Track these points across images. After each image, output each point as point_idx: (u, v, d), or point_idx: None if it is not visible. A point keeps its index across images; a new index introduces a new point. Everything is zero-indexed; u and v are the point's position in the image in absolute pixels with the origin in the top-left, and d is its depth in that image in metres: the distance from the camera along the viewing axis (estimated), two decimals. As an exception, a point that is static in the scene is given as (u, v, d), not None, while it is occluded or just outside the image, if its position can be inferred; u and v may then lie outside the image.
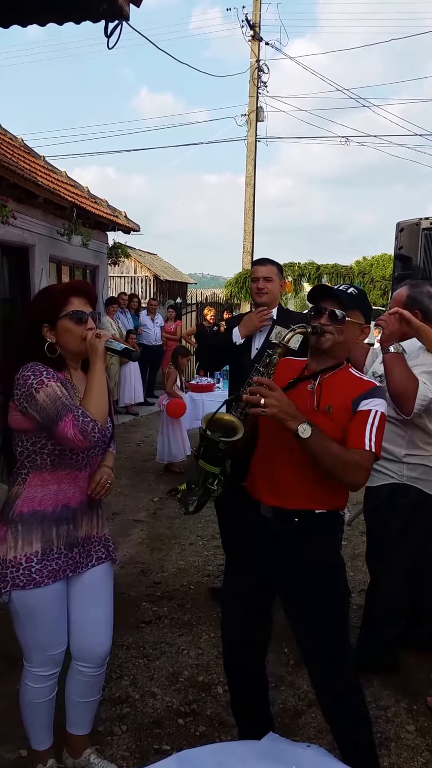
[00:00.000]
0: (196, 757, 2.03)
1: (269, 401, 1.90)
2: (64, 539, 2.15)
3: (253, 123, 17.92)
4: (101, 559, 2.27)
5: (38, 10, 4.67)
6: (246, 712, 2.39)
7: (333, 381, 2.16)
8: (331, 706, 2.23)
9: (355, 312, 2.15)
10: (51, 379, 2.01)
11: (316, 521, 2.12)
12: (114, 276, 18.50)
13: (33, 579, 2.07)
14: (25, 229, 8.61)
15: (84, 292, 2.16)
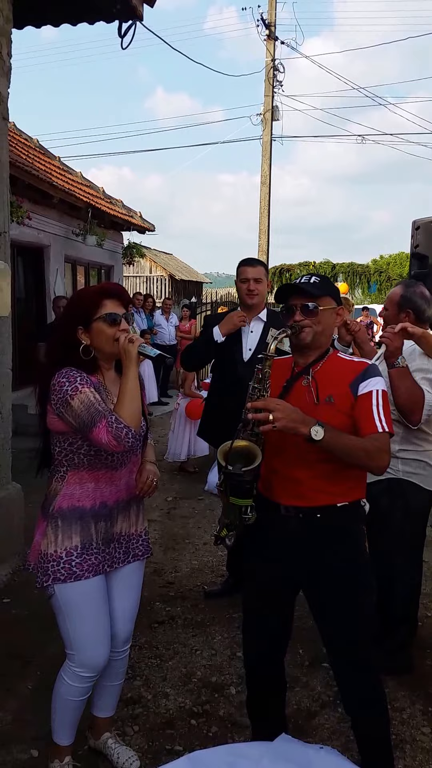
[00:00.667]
0: (207, 757, 2.03)
1: (276, 415, 1.92)
2: (102, 535, 2.19)
3: (268, 122, 17.88)
4: (137, 556, 2.33)
5: (52, 11, 4.69)
6: (262, 711, 2.39)
7: (325, 370, 2.16)
8: (353, 700, 2.23)
9: (324, 298, 2.15)
10: (85, 385, 2.04)
11: (338, 514, 2.12)
12: (129, 276, 18.56)
13: (73, 572, 2.11)
14: (40, 230, 8.66)
15: (117, 294, 2.18)
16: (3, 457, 4.18)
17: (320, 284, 2.18)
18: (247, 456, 2.06)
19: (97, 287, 2.23)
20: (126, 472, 2.25)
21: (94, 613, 2.17)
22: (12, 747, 2.51)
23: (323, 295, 2.15)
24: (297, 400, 2.07)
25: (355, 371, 2.12)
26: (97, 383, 2.15)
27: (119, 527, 2.26)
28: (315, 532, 2.12)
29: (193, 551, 4.63)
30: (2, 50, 4.03)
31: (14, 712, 2.71)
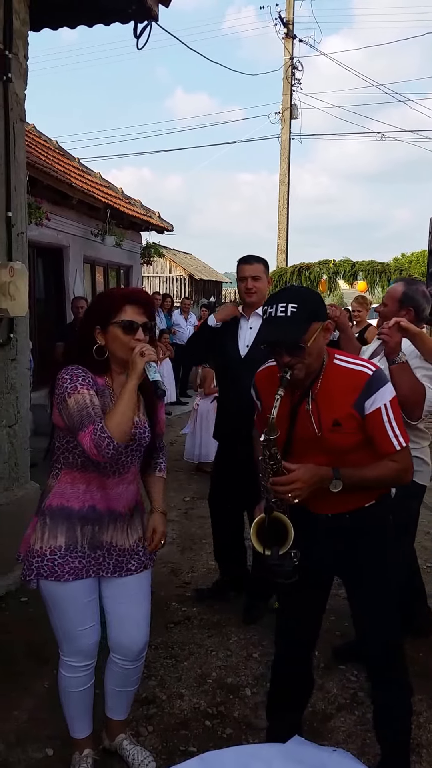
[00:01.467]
0: (219, 758, 2.03)
1: (296, 493, 1.94)
2: (89, 539, 2.16)
3: (287, 121, 17.84)
4: (131, 571, 2.26)
5: (68, 12, 4.71)
6: (282, 709, 2.40)
7: (325, 390, 2.04)
8: (380, 692, 2.25)
9: (309, 327, 1.95)
10: (84, 386, 2.02)
11: (366, 513, 2.14)
12: (149, 276, 18.61)
13: (54, 572, 2.12)
14: (60, 230, 8.72)
15: (141, 302, 2.11)
16: (22, 456, 4.21)
17: (300, 314, 1.93)
18: (278, 528, 2.03)
19: (123, 291, 2.19)
20: (120, 481, 2.18)
21: (73, 611, 2.17)
22: (27, 746, 2.53)
23: (307, 325, 1.95)
24: (303, 429, 2.03)
25: (357, 387, 2.01)
26: (104, 386, 2.13)
27: (109, 536, 2.20)
28: (344, 528, 2.15)
29: (210, 551, 4.61)
30: (19, 52, 4.06)
31: (30, 711, 2.73)
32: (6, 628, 3.42)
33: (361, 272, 16.70)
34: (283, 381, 1.96)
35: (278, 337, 1.97)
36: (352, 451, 2.05)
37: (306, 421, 2.05)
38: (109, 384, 2.15)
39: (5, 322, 3.93)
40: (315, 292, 2.12)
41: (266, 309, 2.00)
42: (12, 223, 3.97)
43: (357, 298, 7.34)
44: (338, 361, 2.08)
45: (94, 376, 2.10)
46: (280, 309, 1.94)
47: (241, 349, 3.52)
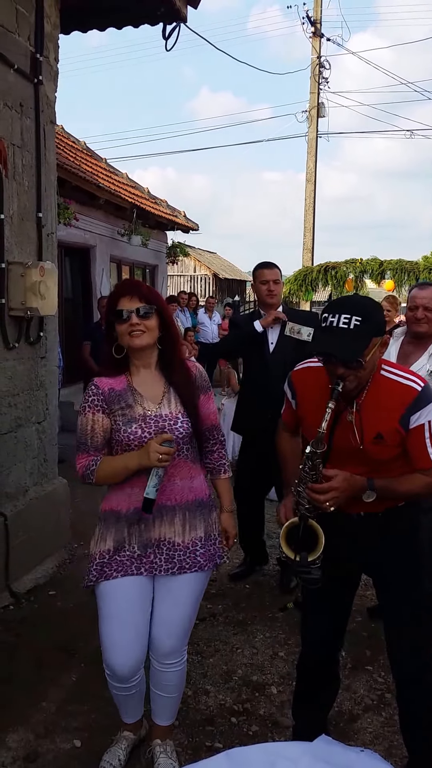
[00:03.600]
0: (246, 755, 2.04)
1: (332, 502, 1.95)
2: (137, 538, 2.18)
3: (314, 119, 17.76)
4: (184, 569, 2.19)
5: (97, 15, 4.76)
6: (308, 707, 2.41)
7: (370, 401, 2.00)
8: (407, 693, 2.24)
9: (369, 343, 1.88)
10: (91, 409, 2.15)
11: (399, 512, 2.15)
12: (174, 275, 18.68)
13: (103, 572, 2.17)
14: (87, 231, 8.80)
15: (130, 289, 2.17)
16: (50, 452, 4.27)
17: (364, 328, 1.85)
18: (309, 535, 2.03)
19: (116, 287, 2.27)
20: (167, 474, 2.16)
21: (117, 614, 2.15)
22: (55, 737, 2.57)
23: (367, 340, 1.87)
24: (343, 439, 2.01)
25: (404, 402, 1.96)
26: (123, 389, 2.18)
27: (158, 532, 2.17)
28: (375, 527, 2.15)
29: (235, 549, 4.62)
30: (50, 55, 4.11)
31: (58, 703, 2.77)
32: (34, 621, 3.48)
33: (389, 271, 16.55)
34: (334, 393, 1.89)
35: (338, 351, 1.86)
36: (389, 463, 2.05)
37: (347, 432, 2.01)
38: (129, 383, 2.20)
39: (35, 320, 3.99)
40: (378, 305, 2.01)
41: (327, 317, 1.90)
42: (42, 223, 4.03)
43: (387, 297, 7.29)
44: (386, 373, 2.02)
45: (114, 381, 2.19)
46: (344, 320, 1.86)
47: (270, 346, 3.83)
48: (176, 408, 2.19)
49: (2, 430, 3.73)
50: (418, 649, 2.20)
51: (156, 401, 2.18)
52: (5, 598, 3.64)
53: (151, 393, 2.19)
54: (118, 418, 2.14)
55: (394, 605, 2.21)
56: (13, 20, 3.66)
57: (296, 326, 3.72)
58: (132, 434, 2.11)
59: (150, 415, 2.15)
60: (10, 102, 3.66)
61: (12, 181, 3.70)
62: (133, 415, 2.13)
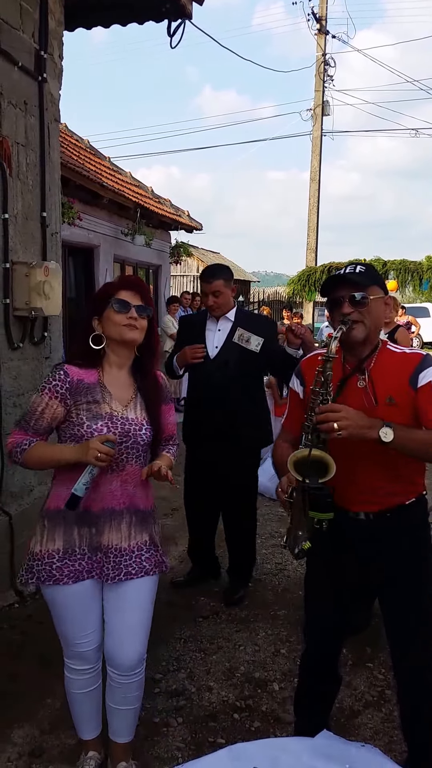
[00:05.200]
0: (248, 750, 2.05)
1: (342, 423, 1.88)
2: (87, 541, 2.13)
3: (318, 117, 17.75)
4: (130, 574, 2.16)
5: (102, 12, 4.77)
6: (309, 704, 2.42)
7: (379, 367, 2.09)
8: (408, 691, 2.23)
9: (372, 287, 2.08)
10: (51, 394, 2.08)
11: (407, 512, 2.14)
12: (177, 275, 18.69)
13: (53, 575, 2.10)
14: (90, 230, 8.81)
15: (134, 286, 2.17)
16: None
17: (366, 273, 2.10)
18: (319, 465, 1.96)
19: (118, 279, 2.25)
20: (115, 478, 2.13)
21: (72, 615, 2.16)
22: (60, 732, 2.58)
23: (371, 284, 2.07)
24: (354, 403, 2.01)
25: (412, 363, 2.05)
26: (94, 383, 2.13)
27: (107, 538, 2.13)
28: (384, 528, 2.14)
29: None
30: (54, 53, 4.13)
31: (63, 699, 2.76)
32: (39, 618, 3.49)
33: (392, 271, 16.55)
34: (346, 322, 2.02)
35: (343, 278, 2.07)
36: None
37: (359, 397, 2.06)
38: (100, 378, 2.15)
39: (39, 320, 4.01)
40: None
41: (334, 271, 2.14)
42: (46, 223, 4.04)
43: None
44: (391, 347, 2.16)
45: (85, 373, 2.13)
46: (349, 269, 2.11)
47: (210, 351, 3.57)
48: (141, 414, 2.19)
49: (7, 429, 3.74)
50: (422, 651, 2.17)
51: (123, 403, 2.16)
52: (10, 597, 3.66)
53: (119, 394, 2.17)
54: (81, 412, 2.08)
55: (400, 612, 2.19)
56: (17, 17, 3.67)
57: (246, 334, 3.51)
58: (97, 431, 2.06)
59: (117, 415, 2.12)
60: (14, 100, 3.67)
61: (16, 180, 3.72)
62: (99, 412, 2.10)
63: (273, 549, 4.55)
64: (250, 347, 3.50)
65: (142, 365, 2.25)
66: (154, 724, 2.65)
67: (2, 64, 3.55)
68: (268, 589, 3.94)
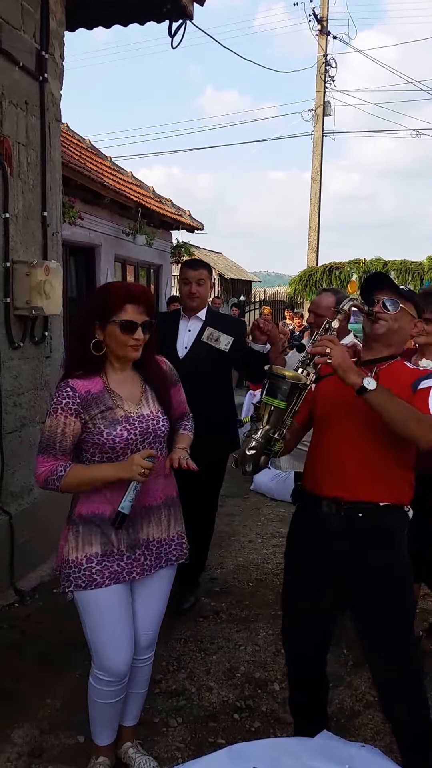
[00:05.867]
0: (248, 751, 2.05)
1: (333, 351, 1.94)
2: (125, 541, 2.14)
3: (319, 118, 17.74)
4: (170, 561, 2.25)
5: (103, 12, 4.77)
6: (303, 709, 2.40)
7: (390, 372, 2.12)
8: (392, 705, 2.20)
9: (408, 303, 2.16)
10: (64, 412, 2.04)
11: (380, 515, 2.09)
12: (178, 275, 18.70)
13: (93, 580, 2.09)
14: (92, 230, 8.81)
15: (141, 300, 2.10)
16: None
17: (408, 291, 2.24)
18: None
19: (124, 289, 2.13)
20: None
21: (112, 620, 2.13)
22: (60, 732, 2.58)
23: (408, 300, 2.17)
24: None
25: (416, 375, 2.12)
26: (100, 391, 2.10)
27: (145, 533, 2.18)
28: (356, 531, 2.09)
29: (238, 548, 4.65)
30: (55, 53, 4.13)
31: (63, 699, 2.79)
32: (39, 618, 3.50)
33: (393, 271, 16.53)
34: (370, 313, 2.11)
35: (389, 280, 2.19)
36: (386, 427, 2.00)
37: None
38: (106, 384, 2.13)
39: (40, 320, 4.01)
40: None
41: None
42: (47, 222, 4.04)
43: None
44: (407, 364, 2.21)
45: (90, 383, 2.09)
46: (391, 278, 2.25)
47: (179, 351, 3.52)
48: (155, 407, 2.19)
49: (7, 429, 3.75)
50: (402, 663, 2.13)
51: (135, 401, 2.15)
52: (10, 596, 3.66)
53: (129, 393, 2.15)
54: (98, 422, 2.07)
55: (380, 618, 2.12)
56: (18, 17, 3.67)
57: (216, 333, 3.47)
58: (118, 436, 2.06)
59: (132, 416, 2.11)
60: (16, 100, 3.67)
61: (17, 179, 3.72)
62: (115, 417, 2.08)
63: (274, 549, 4.56)
64: (219, 346, 3.48)
65: (143, 357, 2.19)
66: (154, 724, 2.65)
67: (3, 64, 3.55)
68: (269, 588, 3.94)
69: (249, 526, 5.12)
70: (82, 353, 2.12)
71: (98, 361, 2.13)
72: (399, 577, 2.12)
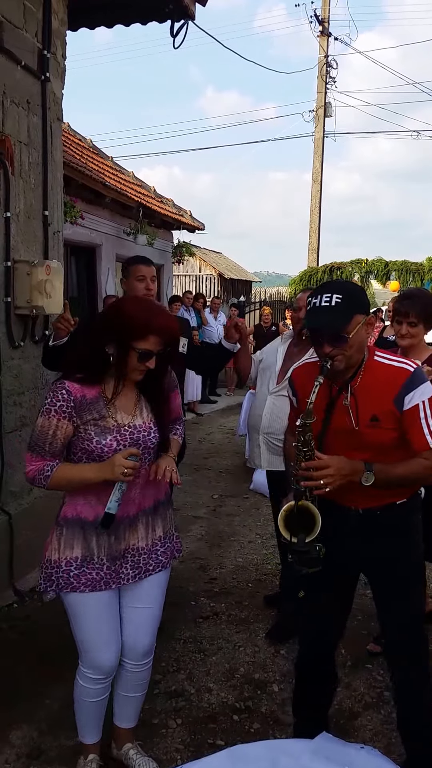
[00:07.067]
0: (248, 752, 2.05)
1: (327, 480, 1.93)
2: (105, 550, 2.13)
3: (320, 119, 17.73)
4: (149, 572, 2.23)
5: (105, 12, 4.77)
6: (307, 706, 2.42)
7: (365, 385, 2.05)
8: (405, 697, 2.25)
9: (353, 319, 1.96)
10: (57, 414, 2.03)
11: (397, 511, 2.14)
12: (179, 274, 18.68)
13: (71, 583, 2.10)
14: (93, 229, 8.81)
15: (165, 333, 2.06)
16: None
17: (344, 303, 1.95)
18: (305, 516, 2.03)
19: (150, 319, 2.04)
20: (132, 485, 2.11)
21: (95, 619, 2.15)
22: (59, 733, 2.58)
23: (351, 314, 1.96)
24: (340, 422, 2.04)
25: (398, 382, 2.01)
26: (95, 397, 2.08)
27: (126, 542, 2.17)
28: (374, 526, 2.14)
29: (238, 548, 4.65)
30: (57, 52, 4.12)
31: (61, 700, 2.77)
32: (38, 618, 3.49)
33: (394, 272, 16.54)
34: (324, 370, 1.96)
35: (321, 325, 1.98)
36: (388, 449, 2.05)
37: (343, 416, 2.05)
38: (103, 392, 2.11)
39: (41, 319, 4.00)
40: (359, 287, 2.13)
41: (310, 300, 2.01)
42: (49, 221, 4.04)
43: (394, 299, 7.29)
44: (379, 358, 2.09)
45: (87, 389, 2.07)
46: (325, 299, 1.96)
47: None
48: (148, 417, 2.17)
49: (7, 428, 3.74)
50: (417, 655, 2.20)
51: (129, 412, 2.14)
52: (9, 597, 3.66)
53: (123, 403, 2.13)
54: (89, 428, 2.06)
55: (390, 605, 2.21)
56: (20, 16, 3.67)
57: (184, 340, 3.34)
58: (107, 446, 2.05)
59: (124, 426, 2.10)
60: (17, 99, 3.67)
61: (18, 178, 3.71)
62: (107, 426, 2.07)
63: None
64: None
65: (148, 374, 2.14)
66: (154, 726, 2.64)
67: (5, 63, 3.54)
68: (269, 589, 3.93)
69: (249, 527, 5.11)
70: (88, 360, 2.09)
71: (102, 372, 2.11)
72: (415, 558, 2.19)
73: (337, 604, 2.32)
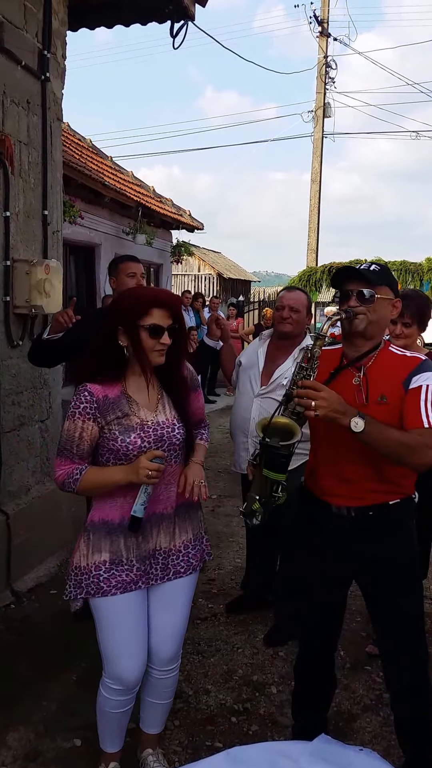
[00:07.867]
0: (246, 754, 2.05)
1: (319, 403, 1.90)
2: (134, 551, 2.12)
3: (319, 119, 17.75)
4: (179, 573, 2.20)
5: (105, 12, 4.77)
6: (307, 707, 2.42)
7: (377, 366, 2.10)
8: (401, 702, 2.23)
9: (382, 288, 2.09)
10: (82, 416, 2.03)
11: (390, 512, 2.12)
12: (178, 274, 18.69)
13: (101, 588, 2.08)
14: (92, 229, 8.80)
15: (168, 305, 2.06)
16: (52, 451, 4.27)
17: (380, 273, 2.11)
18: (287, 432, 2.04)
19: (149, 294, 2.10)
20: (159, 483, 2.08)
21: (122, 628, 2.12)
22: (56, 735, 2.57)
23: (382, 284, 2.08)
24: (344, 395, 2.01)
25: (409, 366, 2.08)
26: (118, 396, 2.08)
27: (155, 542, 2.15)
28: (367, 528, 2.13)
29: (236, 549, 4.64)
30: (57, 52, 4.12)
31: (59, 702, 2.77)
32: (36, 619, 3.49)
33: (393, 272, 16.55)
34: (349, 312, 2.05)
35: (356, 273, 2.08)
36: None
37: (349, 392, 2.06)
38: (124, 390, 2.10)
39: (40, 318, 4.00)
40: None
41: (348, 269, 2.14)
42: (48, 221, 4.04)
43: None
44: (393, 349, 2.18)
45: (108, 388, 2.07)
46: (365, 266, 2.13)
47: None
48: (171, 414, 2.15)
49: (5, 428, 3.74)
50: (414, 659, 2.18)
51: (152, 408, 2.12)
52: (7, 597, 3.65)
53: (146, 400, 2.12)
54: (113, 428, 2.05)
55: (389, 614, 2.19)
56: (20, 16, 3.66)
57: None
58: (131, 444, 2.04)
59: (148, 423, 2.08)
60: (17, 99, 3.66)
61: (18, 178, 3.71)
62: (131, 424, 2.06)
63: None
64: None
65: (166, 362, 2.13)
66: (152, 727, 2.64)
67: (5, 63, 3.54)
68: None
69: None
70: (104, 360, 2.09)
71: (120, 368, 2.10)
72: (409, 564, 2.17)
73: (333, 606, 2.31)
